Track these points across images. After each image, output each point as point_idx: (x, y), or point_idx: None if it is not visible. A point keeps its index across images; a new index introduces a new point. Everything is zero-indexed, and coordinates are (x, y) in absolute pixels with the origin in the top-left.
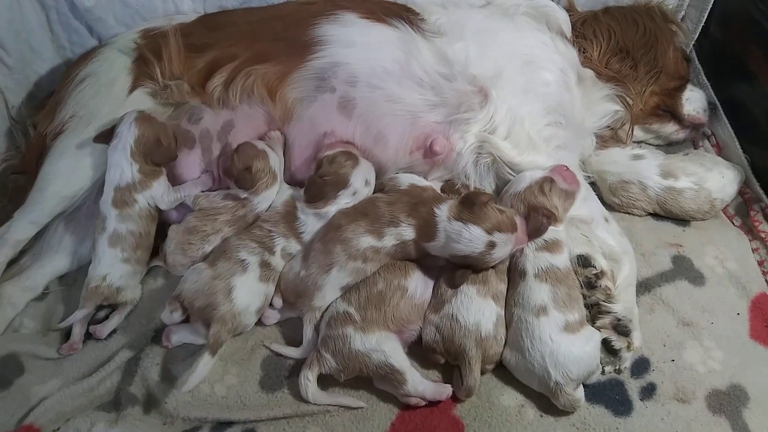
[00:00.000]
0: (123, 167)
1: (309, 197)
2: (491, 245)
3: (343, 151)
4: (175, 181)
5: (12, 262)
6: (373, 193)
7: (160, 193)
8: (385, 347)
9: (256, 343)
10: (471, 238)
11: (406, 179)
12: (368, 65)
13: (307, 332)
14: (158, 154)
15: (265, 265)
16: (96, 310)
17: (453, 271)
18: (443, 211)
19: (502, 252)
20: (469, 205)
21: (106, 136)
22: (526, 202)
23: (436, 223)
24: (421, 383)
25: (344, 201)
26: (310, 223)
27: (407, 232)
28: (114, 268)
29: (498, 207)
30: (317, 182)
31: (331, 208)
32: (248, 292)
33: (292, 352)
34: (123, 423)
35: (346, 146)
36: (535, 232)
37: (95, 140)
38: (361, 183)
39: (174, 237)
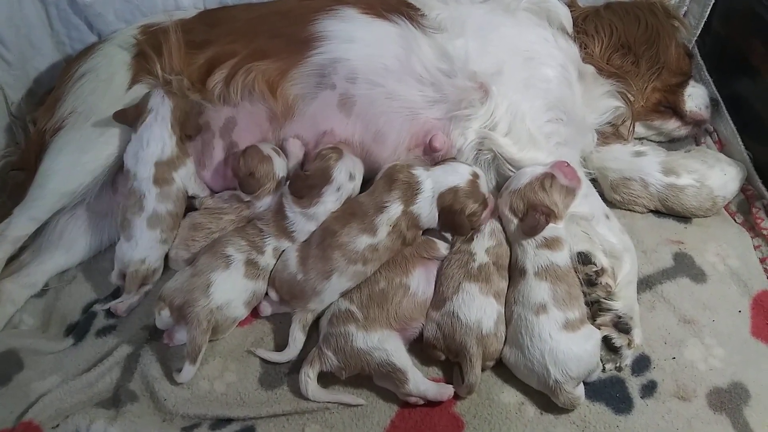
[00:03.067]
0: (165, 140)
1: (293, 190)
2: (476, 175)
3: (329, 146)
4: None
5: (12, 259)
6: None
7: (191, 173)
8: (387, 346)
9: (255, 339)
10: (456, 169)
11: (381, 170)
12: (368, 62)
13: (295, 332)
14: (190, 125)
15: (251, 264)
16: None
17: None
18: (420, 170)
19: (486, 187)
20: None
21: (128, 116)
22: (526, 199)
23: (417, 179)
24: (423, 383)
25: (330, 199)
26: (299, 222)
27: (394, 207)
28: (152, 250)
29: None
30: (301, 176)
31: (318, 209)
32: (231, 288)
33: (278, 357)
34: (122, 420)
35: (338, 143)
36: (531, 230)
37: (114, 117)
38: (344, 177)
39: (179, 232)
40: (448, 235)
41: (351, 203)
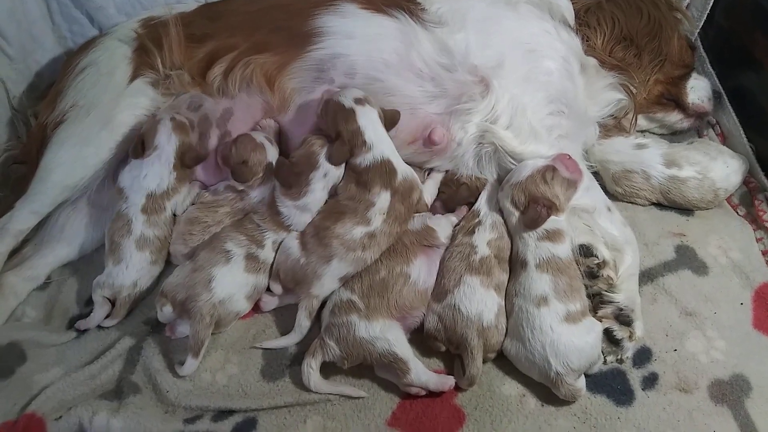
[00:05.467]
0: (163, 176)
1: (280, 180)
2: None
3: (313, 132)
4: None
5: (14, 252)
6: None
7: (182, 198)
8: (389, 336)
9: (257, 331)
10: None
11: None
12: (367, 57)
13: (301, 318)
14: (190, 157)
15: (251, 258)
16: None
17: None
18: (364, 157)
19: None
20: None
21: (140, 149)
22: (527, 191)
23: (392, 166)
24: (424, 373)
25: (318, 186)
26: (293, 215)
27: (383, 197)
28: (143, 271)
29: None
30: (285, 163)
31: (309, 198)
32: (231, 282)
33: (283, 342)
34: (125, 412)
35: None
36: (532, 222)
37: (132, 156)
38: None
39: (176, 227)
40: (451, 225)
41: (336, 205)
